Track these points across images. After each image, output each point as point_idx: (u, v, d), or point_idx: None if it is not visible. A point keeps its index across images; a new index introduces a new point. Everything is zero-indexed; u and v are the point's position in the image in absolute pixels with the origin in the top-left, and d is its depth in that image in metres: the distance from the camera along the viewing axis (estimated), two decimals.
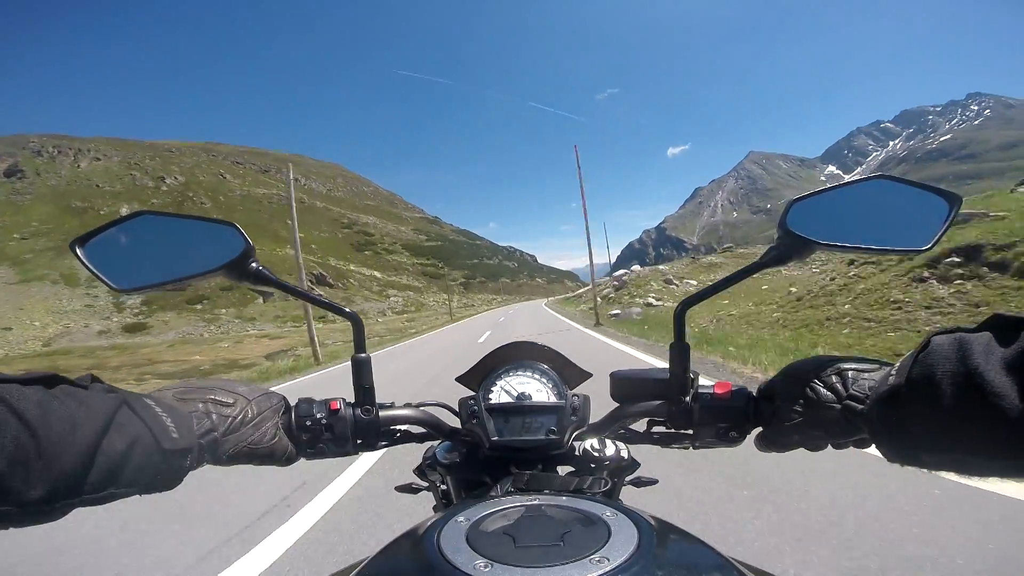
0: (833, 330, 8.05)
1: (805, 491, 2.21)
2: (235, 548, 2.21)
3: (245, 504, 2.72)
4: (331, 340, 20.57)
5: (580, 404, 0.59)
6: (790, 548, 1.77)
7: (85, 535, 2.46)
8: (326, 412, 0.52)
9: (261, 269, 0.53)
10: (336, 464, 3.06)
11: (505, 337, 11.38)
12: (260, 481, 2.99)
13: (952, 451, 0.32)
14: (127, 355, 33.20)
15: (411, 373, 8.41)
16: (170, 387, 0.44)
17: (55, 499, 0.29)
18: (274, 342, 32.20)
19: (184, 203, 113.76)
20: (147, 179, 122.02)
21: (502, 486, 0.52)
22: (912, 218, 0.47)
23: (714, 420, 0.51)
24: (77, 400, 0.31)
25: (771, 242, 0.52)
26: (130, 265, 0.51)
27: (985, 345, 0.30)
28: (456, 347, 12.50)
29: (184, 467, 0.38)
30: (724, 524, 2.02)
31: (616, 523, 0.37)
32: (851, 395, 0.40)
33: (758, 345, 6.89)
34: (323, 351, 13.91)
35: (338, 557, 2.05)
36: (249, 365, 18.60)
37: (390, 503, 2.49)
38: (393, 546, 0.39)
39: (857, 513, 1.98)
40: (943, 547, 1.67)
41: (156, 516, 2.61)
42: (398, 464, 3.06)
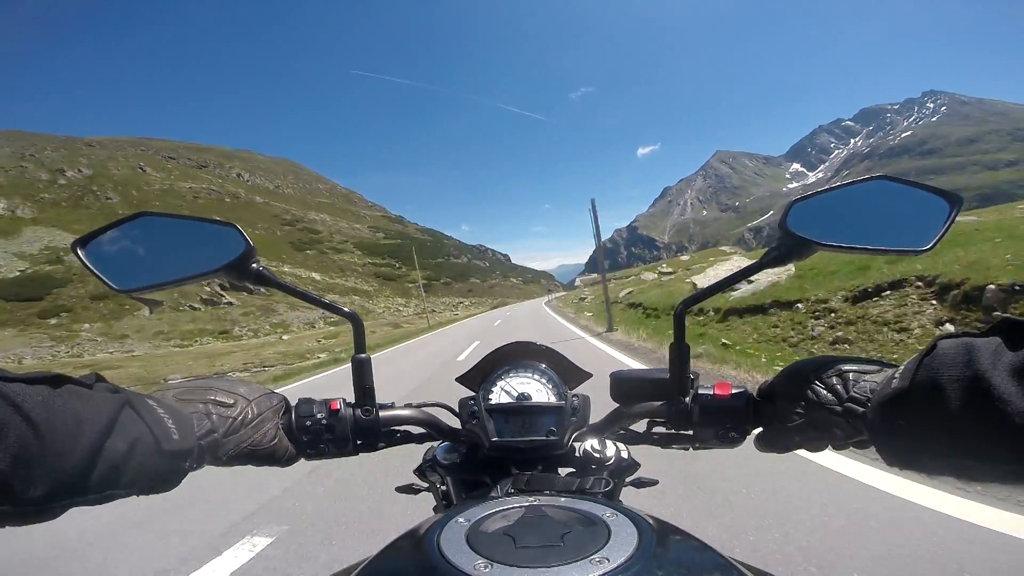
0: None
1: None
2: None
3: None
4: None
5: (580, 404, 0.59)
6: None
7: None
8: (326, 412, 0.52)
9: (262, 270, 0.53)
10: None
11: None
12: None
13: (954, 456, 0.32)
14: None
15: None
16: (171, 387, 0.44)
17: (55, 499, 0.28)
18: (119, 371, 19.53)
19: (84, 197, 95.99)
20: (41, 171, 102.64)
21: (502, 487, 0.52)
22: (912, 219, 0.47)
23: (714, 421, 0.51)
24: (82, 400, 0.31)
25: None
26: (131, 265, 0.51)
27: (992, 350, 0.30)
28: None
29: (183, 468, 0.38)
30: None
31: (616, 524, 0.36)
32: (852, 397, 0.40)
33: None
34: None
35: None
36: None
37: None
38: (393, 546, 0.39)
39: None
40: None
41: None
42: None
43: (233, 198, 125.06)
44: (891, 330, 5.50)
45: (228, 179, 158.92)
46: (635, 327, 10.94)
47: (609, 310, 12.80)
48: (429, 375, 8.13)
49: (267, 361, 19.40)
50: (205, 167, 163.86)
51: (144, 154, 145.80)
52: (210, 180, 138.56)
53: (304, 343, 27.90)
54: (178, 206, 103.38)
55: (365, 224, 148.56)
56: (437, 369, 8.69)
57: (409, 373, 8.77)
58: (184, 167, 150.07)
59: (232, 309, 54.41)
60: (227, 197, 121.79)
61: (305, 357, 18.53)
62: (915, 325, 5.33)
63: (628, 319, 13.13)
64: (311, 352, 20.68)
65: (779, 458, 1.89)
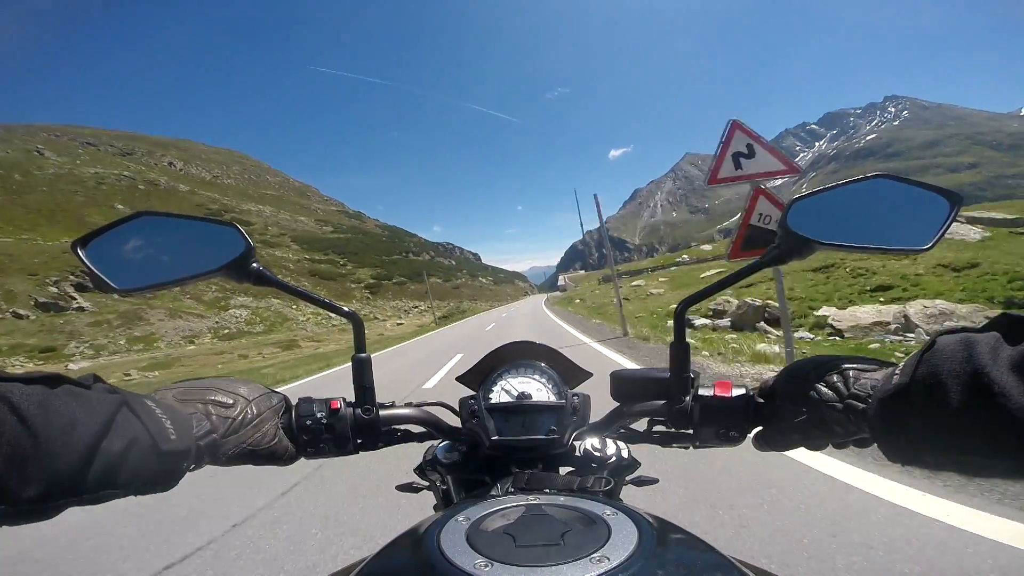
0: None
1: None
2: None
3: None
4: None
5: (580, 404, 0.60)
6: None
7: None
8: (326, 412, 0.52)
9: (262, 270, 0.53)
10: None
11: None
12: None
13: (955, 451, 0.32)
14: None
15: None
16: (171, 386, 0.44)
17: (50, 499, 0.28)
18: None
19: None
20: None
21: (502, 485, 0.52)
22: (912, 217, 0.47)
23: (714, 420, 0.51)
24: (78, 400, 0.31)
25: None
26: (131, 266, 0.51)
27: (992, 345, 0.30)
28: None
29: (181, 468, 0.38)
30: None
31: (616, 522, 0.36)
32: (853, 394, 0.40)
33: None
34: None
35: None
36: None
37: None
38: (393, 545, 0.39)
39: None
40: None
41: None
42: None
43: (151, 185, 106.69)
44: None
45: (155, 168, 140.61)
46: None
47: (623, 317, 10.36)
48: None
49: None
50: (131, 154, 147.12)
51: (56, 140, 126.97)
52: (130, 167, 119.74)
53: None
54: (71, 192, 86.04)
55: (313, 217, 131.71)
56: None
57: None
58: (106, 154, 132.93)
59: (79, 316, 38.26)
60: (142, 184, 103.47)
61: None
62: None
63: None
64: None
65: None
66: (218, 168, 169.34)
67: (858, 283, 10.70)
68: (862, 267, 11.48)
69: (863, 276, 11.02)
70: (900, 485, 2.08)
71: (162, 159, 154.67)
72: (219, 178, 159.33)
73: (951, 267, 10.08)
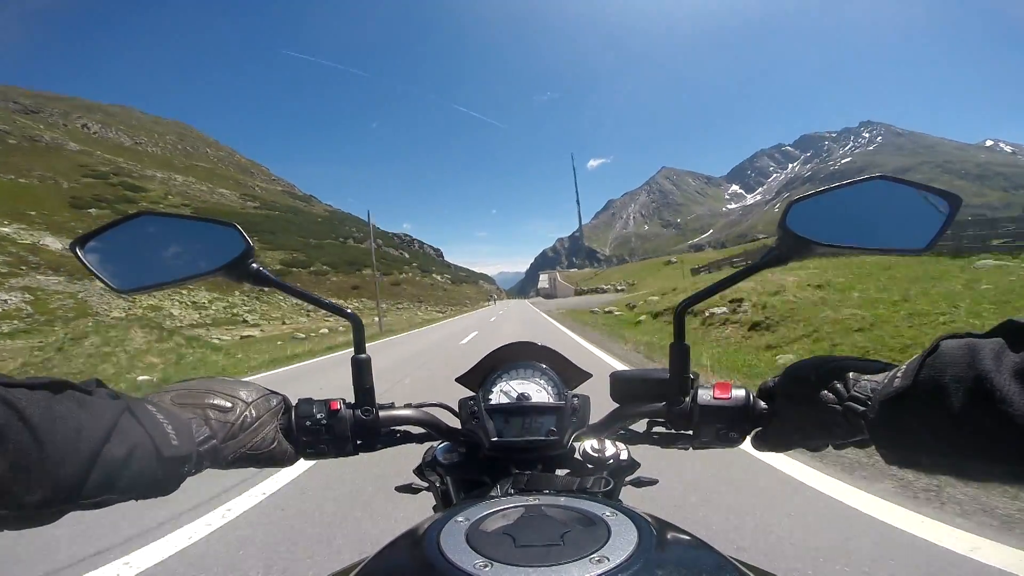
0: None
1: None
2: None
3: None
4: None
5: (580, 405, 0.60)
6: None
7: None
8: (326, 412, 0.52)
9: (261, 270, 0.53)
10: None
11: None
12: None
13: (953, 455, 0.32)
14: None
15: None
16: (169, 389, 0.44)
17: (53, 503, 0.28)
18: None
19: None
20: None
21: (502, 486, 0.52)
22: (911, 218, 0.47)
23: (714, 420, 0.51)
24: (83, 406, 0.31)
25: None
26: (130, 265, 0.51)
27: (996, 350, 0.30)
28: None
29: (181, 474, 0.38)
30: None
31: (616, 523, 0.36)
32: (852, 396, 0.40)
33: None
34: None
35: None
36: None
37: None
38: (393, 546, 0.39)
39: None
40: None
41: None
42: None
43: (27, 140, 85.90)
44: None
45: (59, 128, 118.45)
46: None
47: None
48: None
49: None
50: (37, 112, 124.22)
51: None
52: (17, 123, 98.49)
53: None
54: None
55: (242, 192, 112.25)
56: None
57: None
58: (3, 111, 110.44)
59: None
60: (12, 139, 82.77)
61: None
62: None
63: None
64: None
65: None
66: (147, 136, 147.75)
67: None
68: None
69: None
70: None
71: (76, 121, 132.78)
72: (143, 145, 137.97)
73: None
